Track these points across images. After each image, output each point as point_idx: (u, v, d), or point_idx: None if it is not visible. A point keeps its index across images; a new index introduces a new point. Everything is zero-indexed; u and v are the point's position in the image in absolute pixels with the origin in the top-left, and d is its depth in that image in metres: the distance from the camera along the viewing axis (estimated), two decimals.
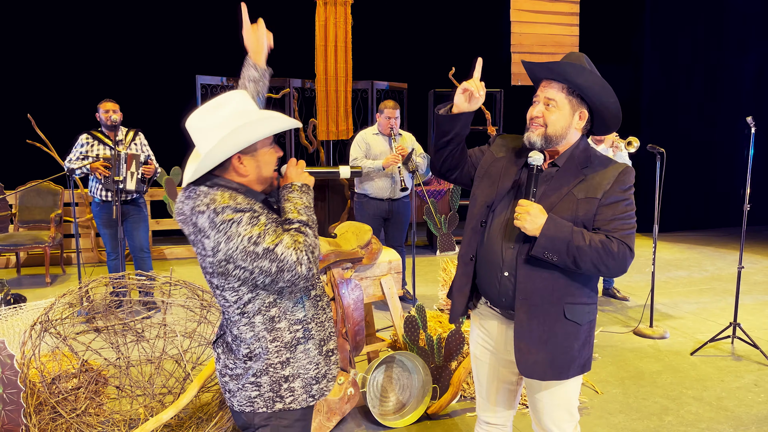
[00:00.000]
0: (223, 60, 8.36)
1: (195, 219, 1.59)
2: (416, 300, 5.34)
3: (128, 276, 3.31)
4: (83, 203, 7.01)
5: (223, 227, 1.55)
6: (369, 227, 3.28)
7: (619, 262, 1.84)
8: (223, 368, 1.77)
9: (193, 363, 3.30)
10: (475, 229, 2.04)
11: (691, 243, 8.48)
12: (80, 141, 4.92)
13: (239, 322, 1.69)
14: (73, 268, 6.92)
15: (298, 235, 1.62)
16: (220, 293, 1.69)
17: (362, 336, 3.15)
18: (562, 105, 1.91)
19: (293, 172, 1.77)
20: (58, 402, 2.81)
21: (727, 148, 9.47)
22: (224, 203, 1.57)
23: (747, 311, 5.24)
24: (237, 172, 1.67)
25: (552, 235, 1.82)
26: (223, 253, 1.57)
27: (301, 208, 1.69)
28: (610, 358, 4.19)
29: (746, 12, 9.25)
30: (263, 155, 1.70)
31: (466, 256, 2.08)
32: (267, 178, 1.73)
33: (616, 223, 1.86)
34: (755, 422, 3.29)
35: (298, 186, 1.74)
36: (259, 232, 1.57)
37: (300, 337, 1.73)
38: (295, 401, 1.74)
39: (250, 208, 1.60)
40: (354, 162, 5.01)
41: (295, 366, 1.73)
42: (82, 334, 3.18)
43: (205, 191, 1.62)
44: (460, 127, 2.01)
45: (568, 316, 1.92)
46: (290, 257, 1.57)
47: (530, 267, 1.90)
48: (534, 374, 1.95)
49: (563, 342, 1.93)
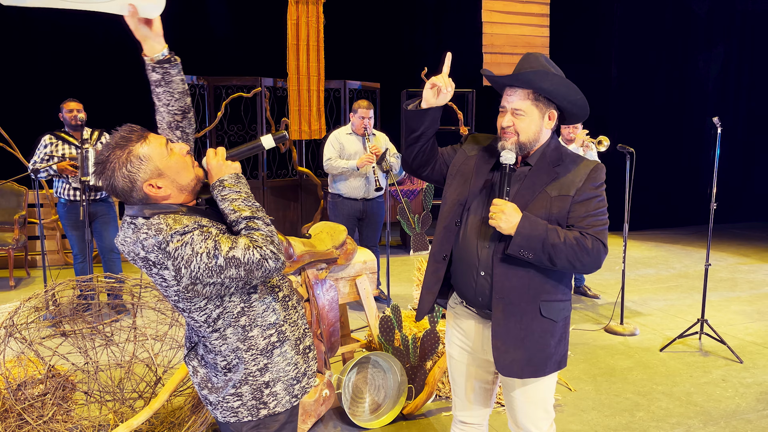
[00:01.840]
0: (193, 58, 8.25)
1: (144, 254, 1.50)
2: (391, 300, 5.34)
3: (96, 278, 3.23)
4: (48, 204, 6.85)
5: (178, 253, 1.48)
6: (344, 227, 3.26)
7: (593, 258, 1.86)
8: (202, 381, 1.73)
9: (164, 366, 3.24)
10: (449, 227, 2.04)
11: (659, 241, 8.64)
12: (43, 142, 4.79)
13: (211, 336, 1.65)
14: (39, 270, 6.75)
15: (250, 233, 1.56)
16: (188, 315, 1.63)
17: (337, 337, 3.13)
18: (529, 112, 1.92)
19: (215, 165, 1.65)
20: (24, 409, 2.73)
21: (694, 147, 9.67)
22: (171, 230, 1.49)
23: (714, 308, 5.35)
24: (157, 196, 1.57)
25: (527, 234, 1.83)
26: (187, 277, 1.50)
27: (239, 203, 1.60)
28: (583, 356, 4.24)
29: (711, 13, 9.46)
30: (169, 167, 1.58)
31: (438, 254, 2.07)
32: (188, 183, 1.62)
33: (590, 220, 1.88)
34: (724, 417, 3.36)
35: (227, 179, 1.63)
36: (214, 244, 1.50)
37: (275, 341, 1.70)
38: (279, 405, 1.71)
39: (198, 225, 1.53)
40: (328, 162, 4.98)
41: (274, 370, 1.70)
42: (48, 339, 3.10)
43: (146, 223, 1.52)
44: (429, 122, 2.00)
45: (544, 313, 1.93)
46: (253, 257, 1.51)
47: (506, 266, 1.91)
48: (512, 372, 1.96)
49: (540, 339, 1.94)
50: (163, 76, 1.76)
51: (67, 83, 7.64)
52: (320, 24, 7.16)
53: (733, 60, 9.83)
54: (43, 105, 7.73)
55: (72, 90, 6.66)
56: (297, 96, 7.25)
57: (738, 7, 9.58)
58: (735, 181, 9.90)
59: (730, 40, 9.70)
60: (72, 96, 4.96)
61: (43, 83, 7.73)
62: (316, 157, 8.10)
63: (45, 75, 7.80)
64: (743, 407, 3.47)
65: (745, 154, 10.14)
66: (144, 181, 1.54)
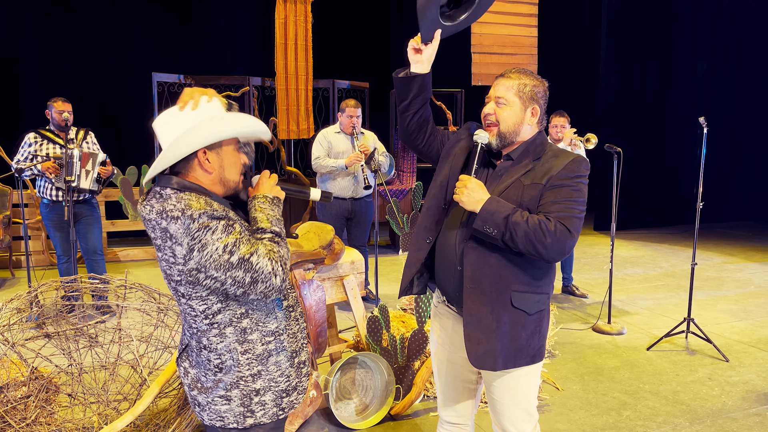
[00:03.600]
0: (181, 57, 8.21)
1: (166, 224, 1.50)
2: (379, 300, 5.33)
3: (80, 279, 3.19)
4: (33, 204, 6.77)
5: (198, 235, 1.48)
6: (331, 227, 3.24)
7: (556, 242, 1.82)
8: (192, 382, 1.70)
9: (149, 368, 3.21)
10: (431, 208, 2.08)
11: (646, 240, 8.69)
12: (27, 140, 4.72)
13: (209, 332, 1.63)
14: (23, 271, 6.67)
15: (272, 245, 1.58)
16: (187, 302, 1.61)
17: (325, 337, 3.12)
18: (512, 102, 1.95)
19: (266, 183, 1.72)
20: (7, 411, 2.70)
21: (680, 147, 9.74)
22: (200, 209, 1.50)
23: (700, 307, 5.39)
24: (202, 168, 1.59)
25: (492, 209, 1.84)
26: (195, 261, 1.50)
27: (273, 219, 1.65)
28: (570, 355, 4.25)
29: (698, 14, 9.53)
30: (228, 154, 1.63)
31: (422, 235, 2.08)
32: (229, 180, 1.65)
33: (558, 206, 1.87)
34: (710, 415, 3.38)
35: (270, 198, 1.70)
36: (234, 241, 1.51)
37: (272, 349, 1.68)
38: (265, 415, 1.68)
39: (226, 215, 1.54)
40: (317, 161, 4.96)
41: (267, 379, 1.67)
42: (31, 341, 3.06)
43: (176, 195, 1.52)
44: (417, 89, 2.06)
45: (515, 304, 1.92)
46: (266, 267, 1.52)
47: (477, 254, 1.92)
48: (485, 365, 1.95)
49: (510, 330, 1.93)
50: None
51: (52, 81, 7.57)
52: (308, 23, 7.14)
53: (720, 60, 9.91)
54: (28, 102, 7.66)
55: (60, 88, 6.61)
56: (285, 95, 7.23)
57: (724, 7, 9.66)
58: (721, 180, 9.98)
59: (716, 40, 9.78)
60: (60, 94, 4.89)
61: (27, 80, 7.65)
62: (305, 156, 8.08)
63: (31, 72, 7.72)
64: (729, 406, 3.49)
65: (731, 154, 10.23)
66: (203, 146, 1.58)
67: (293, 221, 7.96)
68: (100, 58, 8.00)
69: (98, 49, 7.99)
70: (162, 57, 8.03)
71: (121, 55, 8.03)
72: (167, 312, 3.13)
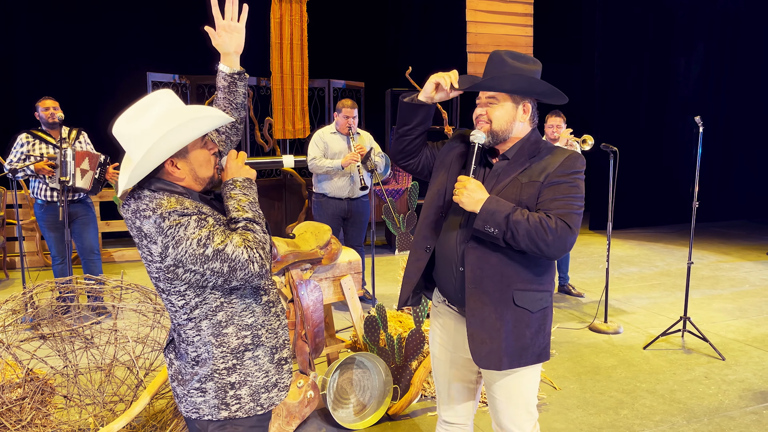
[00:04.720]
0: (175, 56, 8.17)
1: (140, 223, 1.55)
2: (376, 300, 5.32)
3: (76, 280, 3.17)
4: (27, 205, 6.73)
5: (171, 232, 1.52)
6: (328, 227, 3.24)
7: (557, 238, 1.81)
8: (175, 373, 1.73)
9: (146, 369, 3.19)
10: (429, 217, 2.07)
11: (642, 240, 8.71)
12: (20, 141, 4.69)
13: (186, 325, 1.66)
14: (18, 272, 6.64)
15: (246, 233, 1.59)
16: (167, 297, 1.65)
17: (322, 338, 3.11)
18: (502, 100, 1.96)
19: (233, 165, 1.72)
20: (2, 413, 2.68)
21: (676, 146, 9.77)
22: (170, 208, 1.54)
23: (696, 305, 5.40)
24: (172, 176, 1.64)
25: (493, 209, 1.84)
26: (171, 258, 1.54)
27: (245, 204, 1.66)
28: (567, 354, 4.25)
29: (692, 14, 9.56)
30: (196, 156, 1.66)
31: (421, 244, 2.08)
32: (204, 178, 1.69)
33: (557, 203, 1.87)
34: (707, 414, 3.38)
35: (240, 181, 1.70)
36: (208, 234, 1.54)
37: (248, 343, 1.68)
38: (241, 409, 1.68)
39: (198, 211, 1.58)
40: (313, 161, 4.94)
41: (242, 373, 1.68)
42: (26, 342, 3.04)
43: (150, 195, 1.58)
44: (422, 117, 2.06)
45: (518, 302, 1.92)
46: (241, 256, 1.54)
47: (478, 254, 1.91)
48: (490, 365, 1.94)
49: (514, 329, 1.93)
50: (230, 85, 1.90)
51: (46, 81, 7.53)
52: (304, 22, 7.13)
53: (714, 60, 9.94)
54: (20, 102, 7.62)
55: (54, 88, 6.57)
56: (280, 95, 7.21)
57: (718, 8, 9.69)
58: (716, 179, 10.02)
59: (710, 41, 9.81)
60: (54, 94, 4.86)
61: (20, 80, 7.60)
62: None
63: (23, 71, 7.67)
64: (726, 404, 3.49)
65: (726, 153, 10.26)
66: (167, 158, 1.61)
67: (289, 221, 7.94)
68: (95, 58, 7.96)
69: (92, 48, 7.95)
70: (156, 57, 7.99)
71: (115, 54, 7.99)
72: (163, 313, 3.12)
